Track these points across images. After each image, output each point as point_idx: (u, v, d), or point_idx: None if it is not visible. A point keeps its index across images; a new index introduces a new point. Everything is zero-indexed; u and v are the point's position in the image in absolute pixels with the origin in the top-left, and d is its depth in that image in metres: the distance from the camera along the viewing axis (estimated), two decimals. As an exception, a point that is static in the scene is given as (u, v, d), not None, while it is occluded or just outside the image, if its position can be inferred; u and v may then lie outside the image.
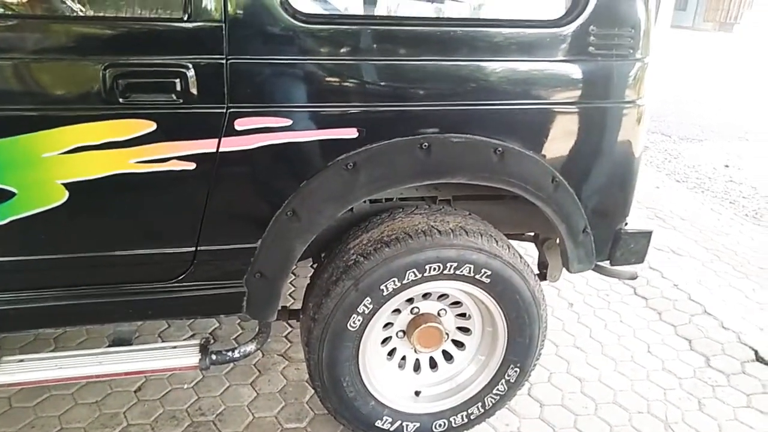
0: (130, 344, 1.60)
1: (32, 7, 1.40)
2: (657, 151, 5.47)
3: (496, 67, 1.45)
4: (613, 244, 1.71)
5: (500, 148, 1.48)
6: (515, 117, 1.49)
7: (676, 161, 5.15)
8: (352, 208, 1.62)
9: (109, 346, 1.59)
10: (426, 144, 1.44)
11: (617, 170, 1.63)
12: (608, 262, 1.75)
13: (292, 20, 1.30)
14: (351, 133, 1.40)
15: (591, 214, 1.63)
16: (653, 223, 3.58)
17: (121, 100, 1.27)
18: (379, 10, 1.64)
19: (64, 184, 1.31)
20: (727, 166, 5.04)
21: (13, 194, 1.30)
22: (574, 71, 1.49)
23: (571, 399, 2.02)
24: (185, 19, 1.27)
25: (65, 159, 1.29)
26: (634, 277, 1.89)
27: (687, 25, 20.31)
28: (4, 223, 1.31)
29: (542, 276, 1.95)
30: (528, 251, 2.60)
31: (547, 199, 1.57)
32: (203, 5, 1.26)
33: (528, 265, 1.64)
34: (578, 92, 1.51)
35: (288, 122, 1.36)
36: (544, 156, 1.53)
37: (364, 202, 1.62)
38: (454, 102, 1.44)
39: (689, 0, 21.18)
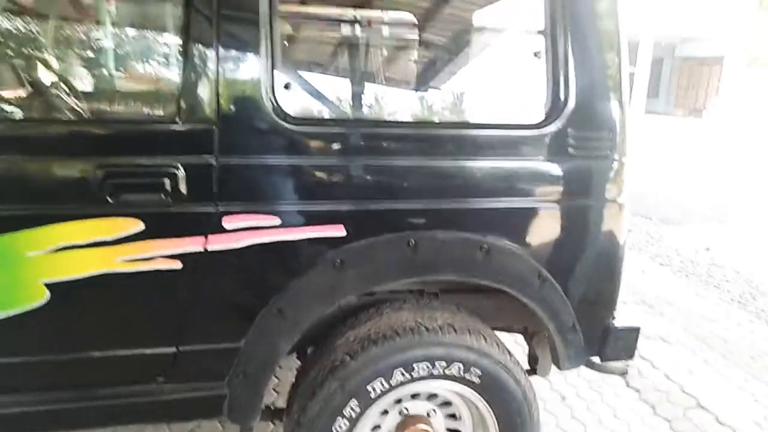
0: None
1: (25, 108, 1.44)
2: (639, 233, 5.56)
3: (479, 166, 1.49)
4: (602, 340, 1.70)
5: (486, 245, 1.50)
6: (500, 214, 1.52)
7: (659, 244, 5.23)
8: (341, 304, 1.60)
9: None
10: (413, 241, 1.45)
11: (602, 266, 1.65)
12: (598, 357, 1.73)
13: (282, 122, 1.35)
14: (339, 230, 1.41)
15: (578, 310, 1.63)
16: (640, 309, 3.58)
17: (110, 199, 1.27)
18: (366, 113, 1.71)
19: (46, 284, 1.28)
20: (708, 249, 5.12)
21: (-9, 294, 1.27)
22: (555, 171, 1.54)
23: (568, 504, 1.91)
24: (177, 120, 1.30)
25: (49, 258, 1.27)
26: (624, 372, 1.86)
27: (659, 111, 21.39)
28: (-21, 325, 1.27)
29: (533, 370, 1.92)
30: (518, 340, 2.55)
31: (534, 296, 1.57)
32: (196, 107, 1.30)
33: (518, 363, 1.61)
34: (559, 191, 1.55)
35: (277, 220, 1.37)
36: (530, 253, 1.55)
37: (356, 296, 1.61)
38: (440, 199, 1.47)
39: (660, 87, 22.44)
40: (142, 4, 1.76)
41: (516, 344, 2.41)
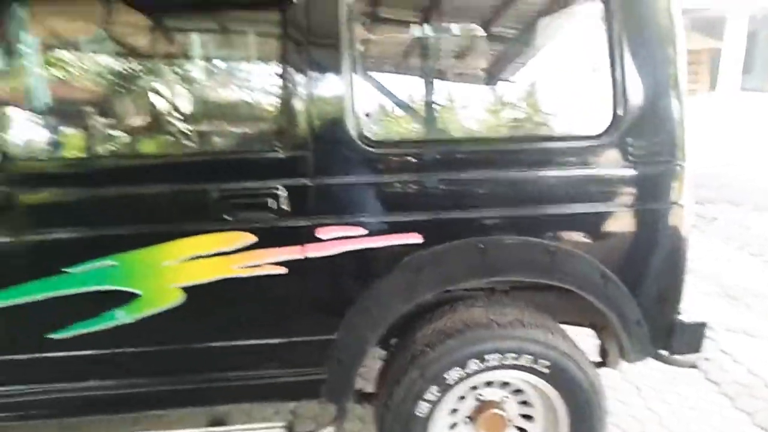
0: (225, 424, 1.81)
1: (162, 148, 1.75)
2: (727, 221, 5.35)
3: (545, 176, 1.63)
4: (668, 335, 1.79)
5: (550, 248, 1.64)
6: (563, 220, 1.66)
7: (748, 233, 5.01)
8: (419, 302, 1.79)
9: (208, 425, 1.81)
10: (482, 246, 1.63)
11: (664, 265, 1.73)
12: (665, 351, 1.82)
13: (367, 147, 1.56)
14: (416, 237, 1.61)
15: (643, 307, 1.73)
16: (722, 301, 3.51)
17: (227, 217, 1.55)
18: (438, 133, 1.90)
19: (180, 288, 1.58)
20: (804, 238, 4.85)
21: (138, 296, 1.59)
22: (615, 178, 1.65)
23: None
24: (279, 150, 1.55)
25: (182, 266, 1.57)
26: (694, 366, 1.92)
27: (754, 87, 19.78)
28: (131, 321, 1.59)
29: (603, 363, 2.02)
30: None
31: (598, 294, 1.69)
32: (294, 138, 1.55)
33: (585, 355, 1.74)
34: (620, 196, 1.66)
35: (362, 230, 1.59)
36: (593, 254, 1.67)
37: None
38: (507, 208, 1.63)
39: (755, 63, 20.73)
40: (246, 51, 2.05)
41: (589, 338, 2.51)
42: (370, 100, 1.65)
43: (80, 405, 1.68)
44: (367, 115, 1.60)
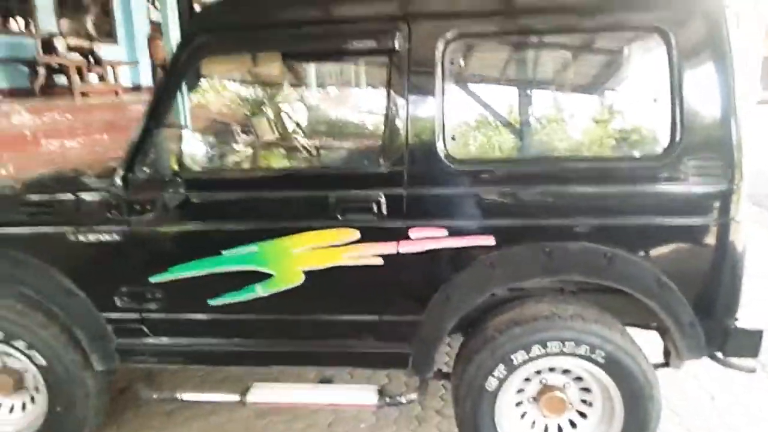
0: (331, 383, 2.26)
1: (295, 163, 2.24)
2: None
3: (605, 191, 1.89)
4: (724, 339, 1.95)
5: (609, 254, 1.90)
6: (622, 229, 1.90)
7: None
8: (494, 293, 2.12)
9: (318, 383, 2.27)
10: (548, 249, 1.92)
11: (720, 275, 1.91)
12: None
13: (451, 165, 1.93)
14: (490, 240, 1.95)
15: (698, 311, 1.92)
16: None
17: (340, 217, 1.99)
18: (510, 153, 2.22)
19: (303, 271, 2.05)
20: None
21: (272, 275, 2.08)
22: (673, 194, 1.86)
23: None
24: (381, 166, 1.97)
25: (305, 254, 2.03)
26: (752, 371, 2.05)
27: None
28: (266, 294, 2.08)
29: (666, 363, 2.21)
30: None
31: (653, 297, 1.91)
32: (394, 156, 1.94)
33: (640, 350, 1.97)
34: (676, 210, 1.87)
35: (445, 232, 1.96)
36: (649, 261, 1.90)
37: (505, 290, 2.12)
38: (571, 218, 1.91)
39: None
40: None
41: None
42: (456, 125, 2.00)
43: (227, 357, 2.21)
44: (452, 138, 1.96)
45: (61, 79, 8.12)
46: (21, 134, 5.43)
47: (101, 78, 8.73)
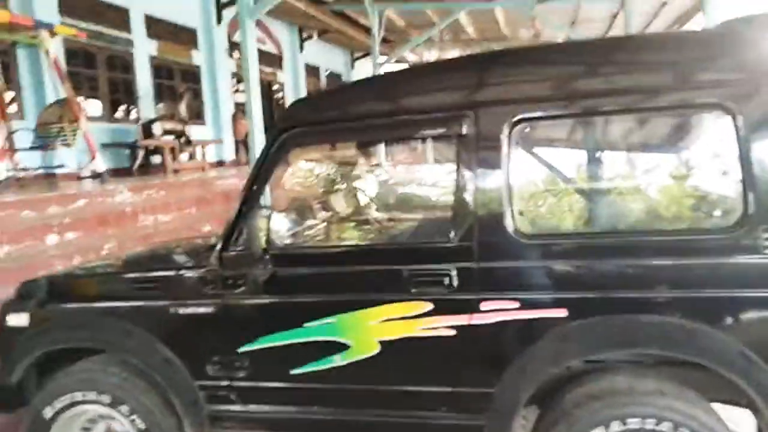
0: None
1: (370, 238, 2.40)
2: None
3: (677, 264, 1.90)
4: (820, 416, 1.84)
5: (687, 327, 1.87)
6: (699, 301, 1.88)
7: None
8: (569, 366, 2.11)
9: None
10: (623, 322, 1.93)
11: (811, 350, 1.83)
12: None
13: (519, 239, 2.01)
14: (563, 312, 1.98)
15: (790, 389, 1.83)
16: None
17: (413, 290, 2.10)
18: (578, 227, 2.28)
19: (378, 341, 2.15)
20: None
21: (349, 346, 2.19)
22: (749, 266, 1.84)
23: None
24: (451, 240, 2.08)
25: (380, 325, 2.14)
26: None
27: None
28: (343, 364, 2.20)
29: (762, 443, 2.08)
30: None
31: (738, 372, 1.85)
32: (464, 232, 2.05)
33: (727, 428, 1.88)
34: (754, 282, 1.84)
35: (517, 305, 2.01)
36: (730, 334, 1.85)
37: (581, 362, 2.11)
38: (643, 291, 1.92)
39: None
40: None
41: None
42: (523, 201, 2.10)
43: (307, 425, 2.31)
44: (520, 213, 2.06)
45: (155, 159, 8.99)
46: (122, 211, 6.03)
47: (191, 156, 9.57)
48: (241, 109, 11.51)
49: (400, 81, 2.39)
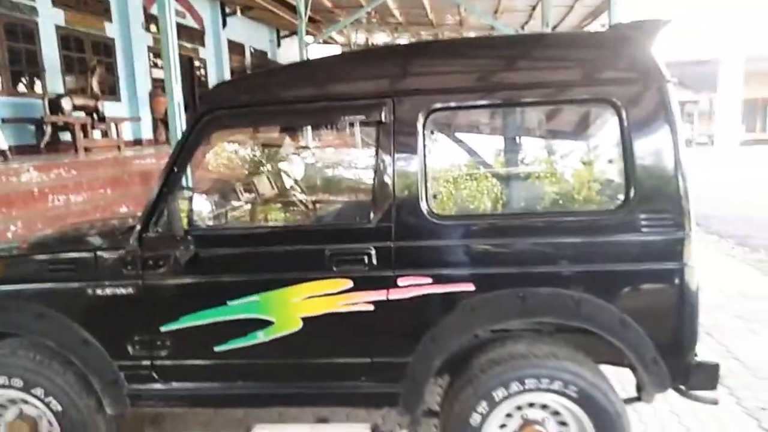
0: (328, 422, 2.42)
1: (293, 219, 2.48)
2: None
3: (571, 242, 2.13)
4: (685, 373, 2.15)
5: (576, 298, 2.11)
6: (587, 276, 2.13)
7: None
8: (477, 335, 2.31)
9: (316, 422, 2.43)
10: (522, 294, 2.14)
11: (678, 316, 2.12)
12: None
13: (433, 219, 2.17)
14: (470, 287, 2.16)
15: (659, 348, 2.12)
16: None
17: (334, 268, 2.21)
18: (488, 209, 2.48)
19: (301, 318, 2.25)
20: None
21: (273, 322, 2.28)
22: (631, 243, 2.10)
23: None
24: (371, 222, 2.20)
25: (303, 302, 2.24)
26: (715, 402, 2.23)
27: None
28: (267, 340, 2.28)
29: (639, 397, 2.39)
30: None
31: (618, 336, 2.12)
32: (383, 213, 2.18)
33: (610, 385, 2.16)
34: (635, 257, 2.10)
35: (430, 280, 2.18)
36: (613, 303, 2.11)
37: (486, 332, 2.31)
38: (541, 266, 2.14)
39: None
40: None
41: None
42: (437, 185, 2.26)
43: (231, 399, 2.38)
44: (434, 196, 2.21)
45: (65, 136, 8.46)
46: (29, 191, 5.68)
47: (104, 134, 9.08)
48: (159, 86, 11.01)
49: (324, 67, 2.46)
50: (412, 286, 2.18)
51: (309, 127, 2.93)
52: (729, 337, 3.95)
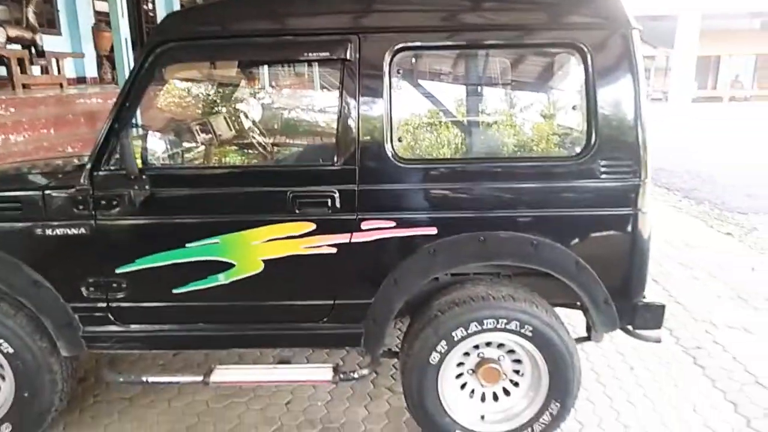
0: (289, 363, 2.45)
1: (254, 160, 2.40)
2: (765, 232, 5.57)
3: (532, 187, 2.16)
4: (633, 313, 2.27)
5: (535, 241, 2.17)
6: (546, 220, 2.17)
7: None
8: (438, 278, 2.35)
9: (277, 363, 2.45)
10: (482, 238, 2.17)
11: (630, 259, 2.21)
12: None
13: (397, 163, 2.15)
14: (433, 230, 2.18)
15: (610, 290, 2.22)
16: (732, 303, 3.86)
17: (297, 211, 2.17)
18: (450, 153, 2.47)
19: (262, 260, 2.23)
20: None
21: (233, 265, 2.24)
22: (589, 189, 2.14)
23: (616, 441, 2.49)
24: (335, 164, 2.16)
25: (264, 245, 2.21)
26: (658, 341, 2.38)
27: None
28: (228, 282, 2.25)
29: (588, 337, 2.51)
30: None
31: (572, 278, 2.20)
32: (346, 155, 2.14)
33: (563, 325, 2.25)
34: (592, 203, 2.15)
35: (393, 224, 2.18)
36: (569, 247, 2.18)
37: (447, 275, 2.36)
38: (502, 211, 2.17)
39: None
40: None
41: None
42: (402, 127, 2.22)
43: (191, 341, 2.37)
44: (399, 140, 2.19)
45: (1, 71, 7.87)
46: (-37, 128, 5.30)
47: (45, 70, 8.50)
48: (103, 20, 10.28)
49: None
50: (375, 230, 2.18)
51: (267, 68, 2.80)
52: (672, 283, 4.18)
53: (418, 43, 2.15)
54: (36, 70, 8.32)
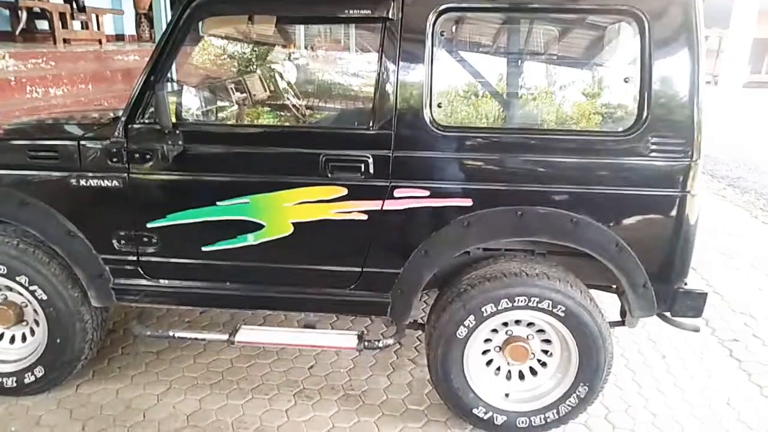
0: (314, 328, 2.44)
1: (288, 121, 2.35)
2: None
3: (574, 162, 2.06)
4: (672, 300, 2.17)
5: (575, 219, 2.07)
6: (588, 197, 2.07)
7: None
8: (469, 252, 2.29)
9: (303, 327, 2.44)
10: (520, 212, 2.09)
11: (674, 243, 2.10)
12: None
13: (435, 129, 2.07)
14: (468, 202, 2.11)
15: (650, 274, 2.12)
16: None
17: (329, 175, 2.12)
18: (491, 123, 2.37)
19: (292, 223, 2.19)
20: None
21: (263, 226, 2.22)
22: (636, 167, 2.03)
23: (643, 428, 2.43)
24: (370, 128, 2.10)
25: (295, 208, 2.17)
26: (696, 330, 2.28)
27: None
28: (257, 243, 2.23)
29: (622, 322, 2.43)
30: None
31: (612, 259, 2.11)
32: (383, 120, 2.08)
33: (597, 306, 2.17)
34: (638, 182, 2.04)
35: (427, 193, 2.11)
36: (610, 227, 2.08)
37: (479, 249, 2.29)
38: (542, 185, 2.08)
39: None
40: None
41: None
42: (442, 93, 2.13)
43: (218, 299, 2.37)
44: (438, 105, 2.10)
45: (43, 25, 7.96)
46: (5, 79, 5.38)
47: (85, 26, 8.56)
48: (144, -22, 10.27)
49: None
50: (408, 198, 2.12)
51: (303, 30, 2.74)
52: (712, 272, 4.02)
53: (464, 4, 2.04)
54: (76, 25, 8.39)
